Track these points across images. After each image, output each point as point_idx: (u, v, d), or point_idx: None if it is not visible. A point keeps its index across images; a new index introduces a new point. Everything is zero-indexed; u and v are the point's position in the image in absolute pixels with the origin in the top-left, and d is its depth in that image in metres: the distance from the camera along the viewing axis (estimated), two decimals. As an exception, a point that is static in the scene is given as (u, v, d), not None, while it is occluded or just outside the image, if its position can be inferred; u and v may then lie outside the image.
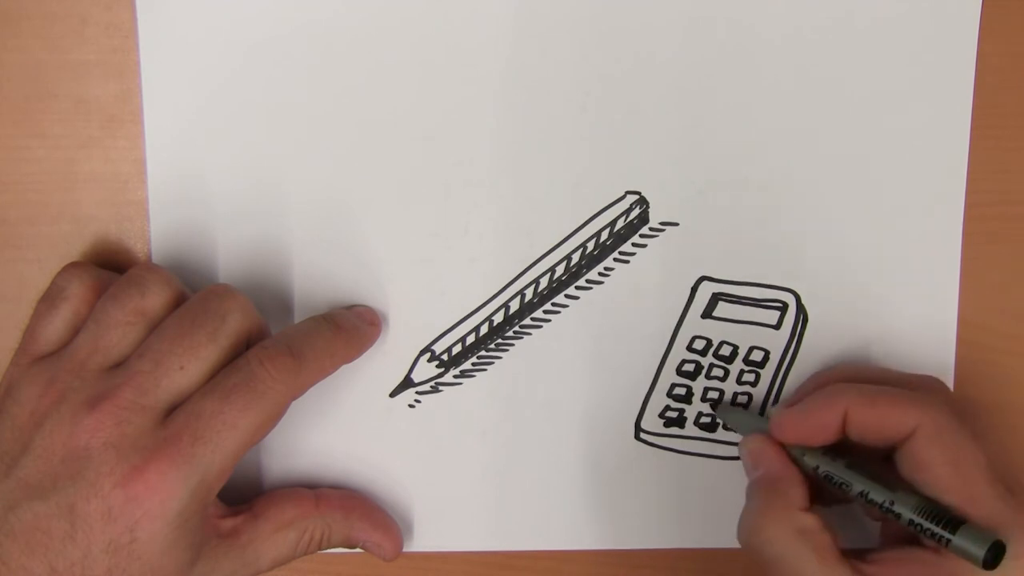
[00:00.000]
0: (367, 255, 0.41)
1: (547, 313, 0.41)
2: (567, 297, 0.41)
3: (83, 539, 0.33)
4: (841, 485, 0.37)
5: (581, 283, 0.41)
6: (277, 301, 0.41)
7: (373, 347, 0.40)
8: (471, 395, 0.42)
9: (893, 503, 0.36)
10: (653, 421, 0.42)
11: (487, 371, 0.41)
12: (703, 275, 0.41)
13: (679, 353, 0.42)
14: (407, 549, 0.42)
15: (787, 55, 0.40)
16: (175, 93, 0.40)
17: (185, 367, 0.35)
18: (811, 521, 0.36)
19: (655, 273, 0.41)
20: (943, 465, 0.36)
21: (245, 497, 0.39)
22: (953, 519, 0.35)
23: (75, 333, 0.36)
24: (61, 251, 0.40)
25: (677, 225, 0.41)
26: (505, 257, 0.41)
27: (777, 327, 0.42)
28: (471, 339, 0.41)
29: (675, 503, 0.42)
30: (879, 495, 0.36)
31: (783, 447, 0.38)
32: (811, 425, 0.38)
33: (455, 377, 0.41)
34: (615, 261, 0.41)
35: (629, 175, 0.41)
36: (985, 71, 0.41)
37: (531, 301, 0.41)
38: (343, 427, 0.41)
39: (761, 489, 0.38)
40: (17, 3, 0.39)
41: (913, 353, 0.42)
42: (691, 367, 0.42)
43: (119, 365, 0.35)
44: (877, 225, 0.41)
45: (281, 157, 0.40)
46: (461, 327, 0.41)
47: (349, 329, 0.39)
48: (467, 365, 0.41)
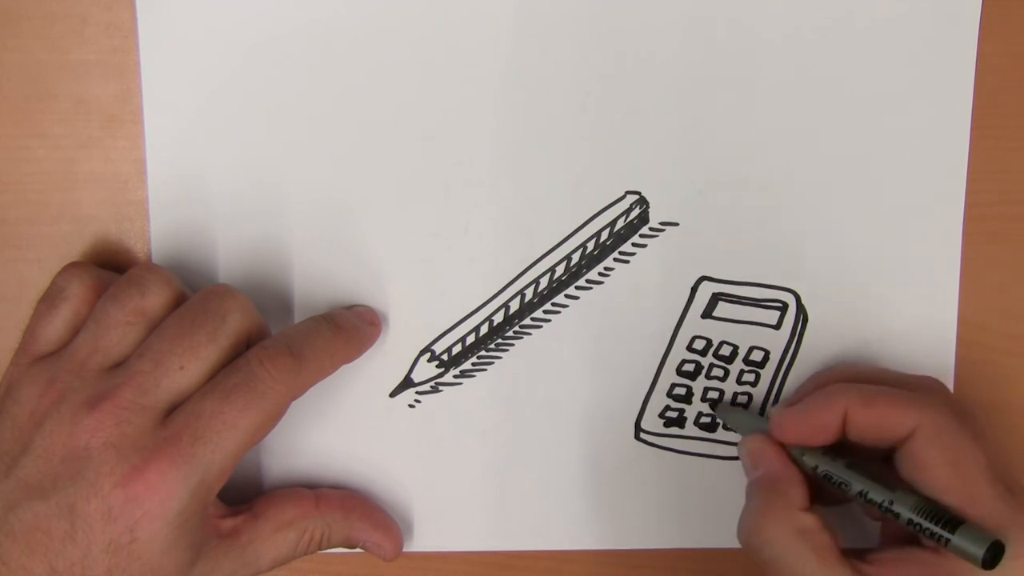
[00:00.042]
0: (367, 255, 0.41)
1: (547, 313, 0.41)
2: (567, 297, 0.41)
3: (83, 539, 0.33)
4: (840, 484, 0.37)
5: (581, 283, 0.41)
6: (277, 301, 0.41)
7: (373, 347, 0.40)
8: (471, 395, 0.42)
9: (892, 503, 0.36)
10: (653, 421, 0.42)
11: (487, 371, 0.41)
12: (703, 275, 0.41)
13: (679, 353, 0.42)
14: (407, 549, 0.42)
15: (787, 55, 0.40)
16: (175, 93, 0.40)
17: (185, 367, 0.35)
18: (811, 521, 0.36)
19: (655, 273, 0.41)
20: (942, 465, 0.36)
21: (245, 497, 0.39)
22: (952, 519, 0.35)
23: (75, 333, 0.36)
24: (61, 251, 0.40)
25: (677, 225, 0.41)
26: (505, 257, 0.41)
27: (777, 327, 0.42)
28: (471, 339, 0.41)
29: (675, 503, 0.42)
30: (878, 495, 0.36)
31: (783, 447, 0.38)
32: (810, 425, 0.38)
33: (455, 377, 0.41)
34: (615, 261, 0.41)
35: (629, 175, 0.41)
36: (985, 71, 0.41)
37: (531, 301, 0.41)
38: (343, 427, 0.41)
39: (761, 489, 0.38)
40: (17, 3, 0.39)
41: (913, 353, 0.42)
42: (691, 367, 0.42)
43: (119, 365, 0.35)
44: (877, 225, 0.41)
45: (281, 157, 0.40)
46: (461, 327, 0.41)
47: (349, 329, 0.39)
48: (467, 365, 0.41)
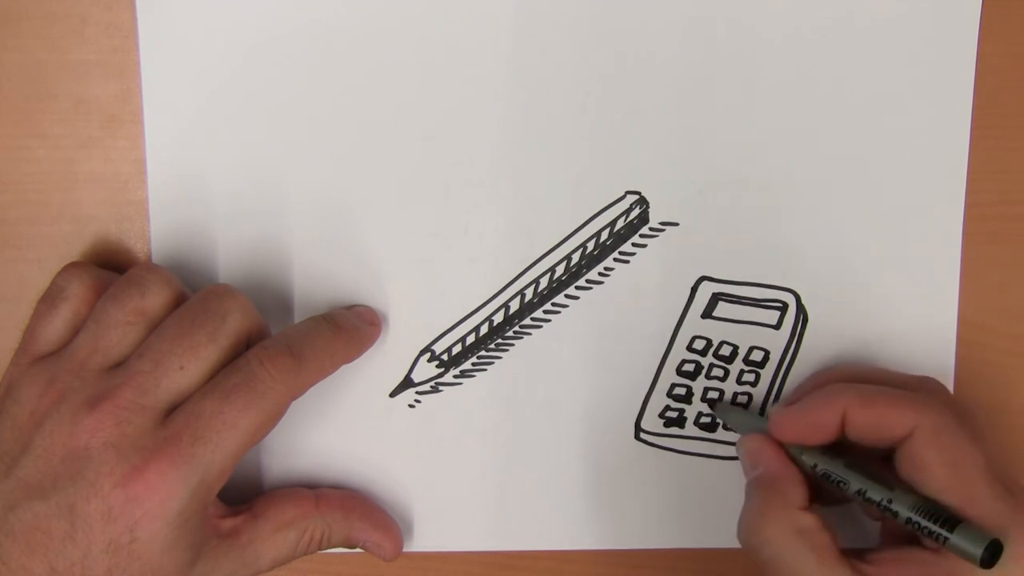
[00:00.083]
0: (367, 255, 0.41)
1: (547, 313, 0.41)
2: (567, 297, 0.41)
3: (83, 539, 0.33)
4: (839, 483, 0.37)
5: (581, 283, 0.41)
6: (277, 301, 0.41)
7: (373, 347, 0.40)
8: (471, 395, 0.42)
9: (891, 501, 0.36)
10: (653, 421, 0.42)
11: (487, 371, 0.41)
12: (703, 275, 0.41)
13: (679, 353, 0.42)
14: (407, 549, 0.42)
15: (787, 55, 0.40)
16: (175, 93, 0.40)
17: (185, 367, 0.35)
18: (810, 520, 0.36)
19: (655, 273, 0.41)
20: (941, 466, 0.36)
21: (245, 497, 0.39)
22: (951, 518, 0.35)
23: (75, 333, 0.36)
24: (61, 251, 0.40)
25: (677, 225, 0.41)
26: (505, 257, 0.41)
27: (777, 327, 0.42)
28: (471, 339, 0.41)
29: (675, 503, 0.42)
30: (877, 493, 0.36)
31: (781, 446, 0.38)
32: (809, 424, 0.38)
33: (455, 377, 0.41)
34: (615, 261, 0.41)
35: (629, 175, 0.41)
36: (985, 71, 0.41)
37: (531, 301, 0.41)
38: (343, 427, 0.41)
39: (760, 488, 0.38)
40: (17, 3, 0.39)
41: (913, 353, 0.42)
42: (691, 367, 0.42)
43: (119, 365, 0.35)
44: (877, 225, 0.41)
45: (281, 157, 0.40)
46: (461, 327, 0.41)
47: (349, 329, 0.39)
48: (467, 365, 0.41)
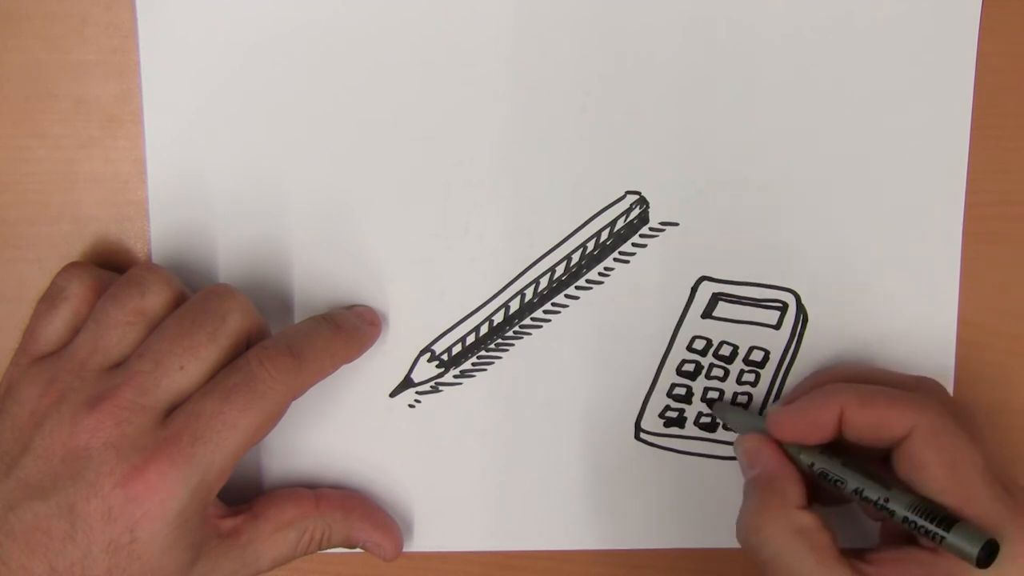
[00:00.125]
0: (367, 255, 0.41)
1: (547, 313, 0.41)
2: (567, 297, 0.41)
3: (83, 539, 0.33)
4: (836, 482, 0.37)
5: (581, 283, 0.41)
6: (277, 301, 0.41)
7: (373, 347, 0.40)
8: (471, 395, 0.42)
9: (888, 500, 0.36)
10: (653, 421, 0.42)
11: (487, 371, 0.41)
12: (703, 275, 0.41)
13: (679, 353, 0.42)
14: (407, 549, 0.42)
15: (787, 55, 0.40)
16: (175, 93, 0.40)
17: (185, 367, 0.35)
18: (808, 519, 0.36)
19: (655, 273, 0.41)
20: (939, 466, 0.35)
21: (245, 497, 0.39)
22: (948, 517, 0.35)
23: (75, 333, 0.36)
24: (61, 251, 0.40)
25: (677, 225, 0.41)
26: (505, 257, 0.41)
27: (777, 327, 0.42)
28: (471, 339, 0.41)
29: (675, 503, 0.42)
30: (874, 492, 0.36)
31: (779, 446, 0.38)
32: (807, 422, 0.38)
33: (455, 377, 0.41)
34: (615, 261, 0.41)
35: (629, 175, 0.41)
36: (985, 71, 0.41)
37: (531, 301, 0.41)
38: (343, 427, 0.41)
39: (758, 488, 0.38)
40: (17, 3, 0.39)
41: (913, 353, 0.42)
42: (691, 367, 0.42)
43: (119, 365, 0.35)
44: (877, 225, 0.41)
45: (281, 157, 0.40)
46: (461, 327, 0.41)
47: (349, 329, 0.39)
48: (467, 365, 0.41)
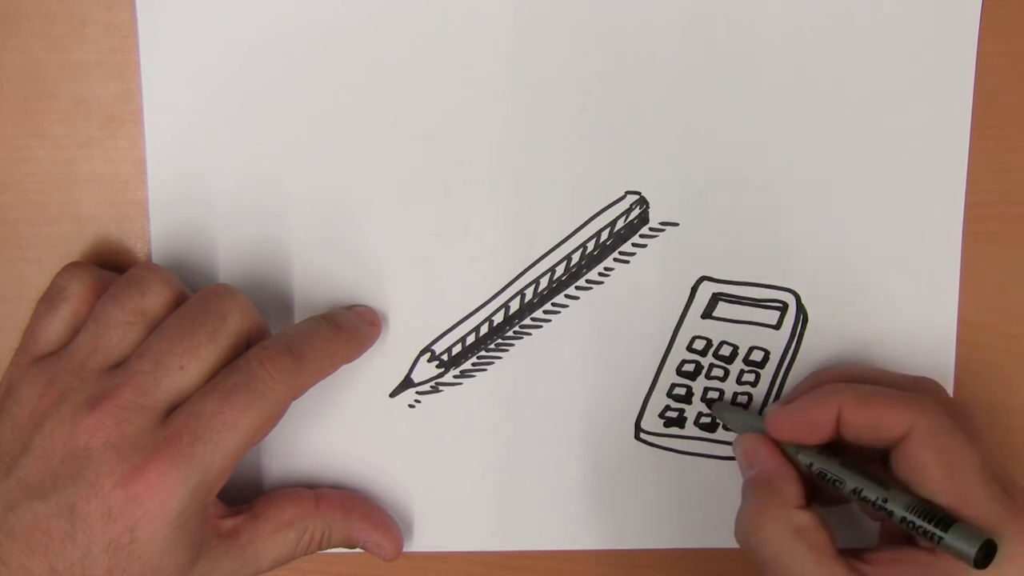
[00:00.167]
0: (367, 255, 0.41)
1: (547, 313, 0.41)
2: (567, 297, 0.41)
3: (83, 539, 0.33)
4: (835, 482, 0.37)
5: (581, 283, 0.41)
6: (277, 301, 0.41)
7: (373, 347, 0.40)
8: (471, 395, 0.42)
9: (886, 500, 0.36)
10: (653, 421, 0.42)
11: (487, 371, 0.41)
12: (703, 275, 0.41)
13: (679, 353, 0.42)
14: (407, 549, 0.42)
15: (787, 55, 0.40)
16: (175, 93, 0.40)
17: (185, 367, 0.35)
18: (807, 519, 0.36)
19: (655, 273, 0.41)
20: (937, 467, 0.35)
21: (245, 497, 0.39)
22: (945, 517, 0.35)
23: (75, 333, 0.36)
24: (61, 251, 0.40)
25: (677, 225, 0.41)
26: (505, 257, 0.41)
27: (777, 327, 0.42)
28: (471, 339, 0.41)
29: (675, 503, 0.42)
30: (872, 492, 0.36)
31: (778, 445, 0.38)
32: (805, 422, 0.38)
33: (455, 377, 0.41)
34: (615, 261, 0.41)
35: (629, 175, 0.41)
36: (985, 71, 0.41)
37: (531, 301, 0.41)
38: (343, 427, 0.41)
39: (756, 487, 0.38)
40: (17, 3, 0.39)
41: (913, 354, 0.42)
42: (691, 367, 0.42)
43: (119, 365, 0.35)
44: (877, 225, 0.41)
45: (281, 157, 0.40)
46: (461, 327, 0.41)
47: (349, 329, 0.39)
48: (467, 365, 0.41)
